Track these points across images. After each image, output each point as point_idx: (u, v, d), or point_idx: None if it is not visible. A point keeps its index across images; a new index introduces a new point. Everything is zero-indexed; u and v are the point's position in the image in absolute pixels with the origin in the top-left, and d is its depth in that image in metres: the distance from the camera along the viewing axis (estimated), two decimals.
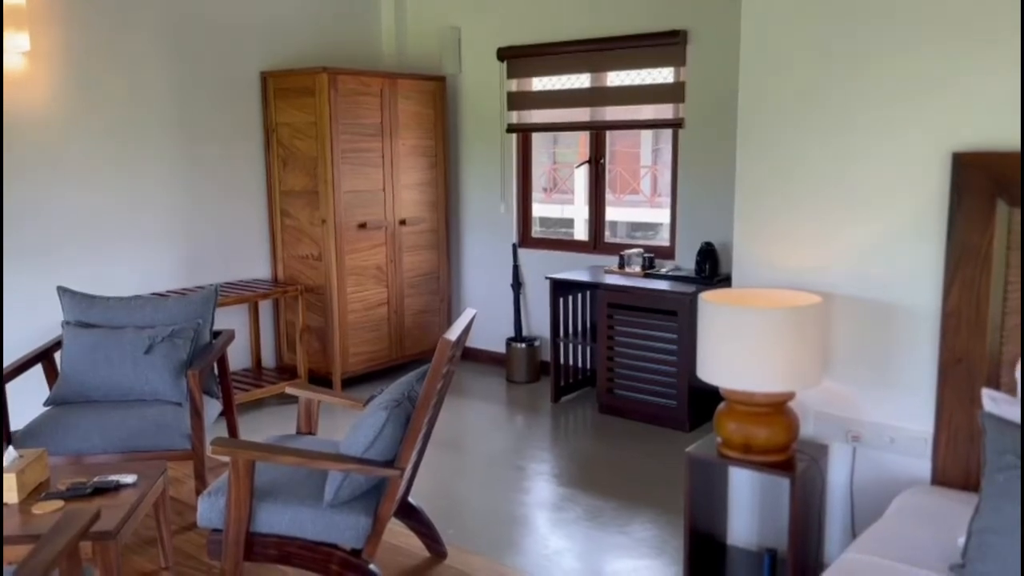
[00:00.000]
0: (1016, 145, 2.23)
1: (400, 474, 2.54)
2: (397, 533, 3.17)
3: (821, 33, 2.51)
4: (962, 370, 2.32)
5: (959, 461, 2.33)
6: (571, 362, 5.19)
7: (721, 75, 4.60)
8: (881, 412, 2.54)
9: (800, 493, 2.42)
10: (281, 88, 5.09)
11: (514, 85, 5.49)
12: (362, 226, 5.18)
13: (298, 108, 5.03)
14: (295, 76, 5.03)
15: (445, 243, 5.76)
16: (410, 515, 3.04)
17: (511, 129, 5.55)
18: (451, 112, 5.78)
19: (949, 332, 2.33)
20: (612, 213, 5.65)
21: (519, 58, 5.40)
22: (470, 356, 5.94)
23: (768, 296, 2.57)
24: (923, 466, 2.45)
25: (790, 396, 2.48)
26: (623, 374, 4.68)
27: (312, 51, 5.42)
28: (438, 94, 5.56)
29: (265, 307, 5.33)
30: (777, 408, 2.48)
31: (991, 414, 1.99)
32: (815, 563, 2.54)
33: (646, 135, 5.56)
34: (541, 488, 3.82)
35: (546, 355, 5.26)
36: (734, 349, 2.39)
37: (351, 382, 5.25)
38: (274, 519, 2.56)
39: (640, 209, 6.17)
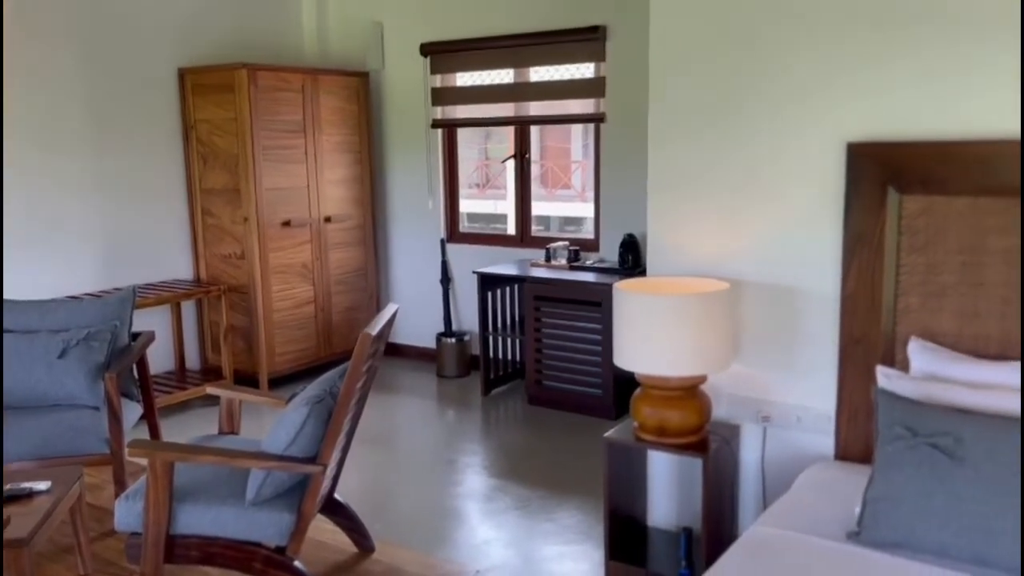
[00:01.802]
0: (903, 136, 2.35)
1: (323, 470, 2.55)
2: (323, 530, 3.16)
3: (725, 32, 2.60)
4: (860, 350, 2.43)
5: (859, 436, 2.45)
6: (500, 355, 5.24)
7: (639, 70, 4.69)
8: (788, 392, 2.65)
9: (713, 472, 2.51)
10: (199, 85, 5.00)
11: (438, 81, 5.50)
12: (286, 224, 5.13)
13: (217, 105, 4.95)
14: (213, 72, 4.95)
15: (372, 239, 5.75)
16: (336, 511, 3.05)
17: (436, 124, 5.56)
18: (375, 108, 5.76)
19: (848, 314, 2.45)
20: (545, 208, 5.72)
21: (442, 54, 5.42)
22: (400, 352, 5.94)
23: (679, 284, 2.65)
24: (827, 442, 2.56)
25: (702, 380, 2.57)
26: (551, 365, 4.75)
27: (231, 47, 5.34)
28: (361, 90, 5.54)
29: (188, 308, 5.24)
30: (690, 392, 2.57)
31: (883, 390, 2.10)
32: (729, 538, 2.64)
33: (576, 130, 5.63)
34: (471, 480, 3.86)
35: (476, 349, 5.30)
36: (648, 336, 2.46)
37: (279, 382, 5.20)
38: (195, 520, 2.53)
39: (572, 204, 6.26)
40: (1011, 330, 2.22)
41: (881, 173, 2.35)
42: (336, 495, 3.05)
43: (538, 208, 5.65)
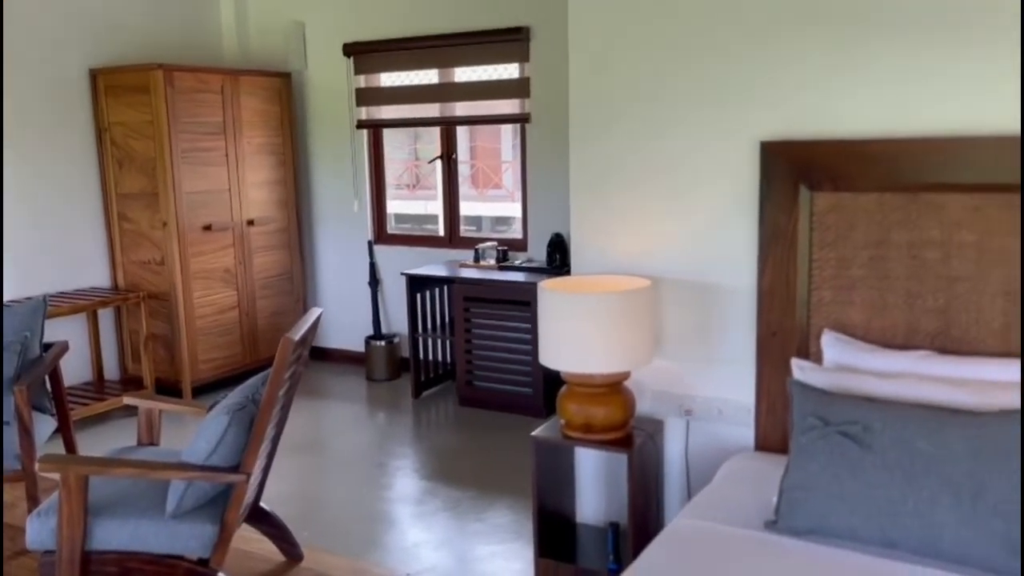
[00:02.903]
0: (813, 135, 2.43)
1: (246, 479, 2.50)
2: (249, 539, 3.10)
3: (643, 34, 2.64)
4: (777, 343, 2.50)
5: (777, 427, 2.52)
6: (431, 357, 5.22)
7: (563, 71, 4.70)
8: (710, 386, 2.70)
9: (638, 467, 2.55)
10: (113, 86, 4.84)
11: (362, 81, 5.45)
12: (207, 228, 5.01)
13: (132, 107, 4.80)
14: (127, 73, 4.80)
15: (297, 243, 5.66)
16: (262, 520, 2.99)
17: (361, 125, 5.51)
18: (298, 109, 5.68)
19: (764, 309, 2.51)
20: (476, 208, 5.71)
21: (366, 54, 5.37)
22: (328, 356, 5.87)
23: (602, 282, 2.68)
24: (748, 433, 2.63)
25: (625, 376, 2.61)
26: (481, 366, 4.76)
27: (147, 47, 5.18)
28: (283, 91, 5.45)
29: (106, 316, 5.07)
30: (614, 388, 2.60)
31: (797, 381, 2.17)
32: (655, 531, 2.68)
33: (506, 130, 5.64)
34: (402, 483, 3.84)
35: (406, 351, 5.26)
36: (571, 334, 2.49)
37: (203, 390, 5.07)
38: (113, 535, 2.45)
39: (503, 204, 6.26)
40: (916, 320, 2.32)
41: (793, 171, 2.42)
42: (262, 503, 2.99)
43: (470, 208, 5.65)
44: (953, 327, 2.28)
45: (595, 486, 2.95)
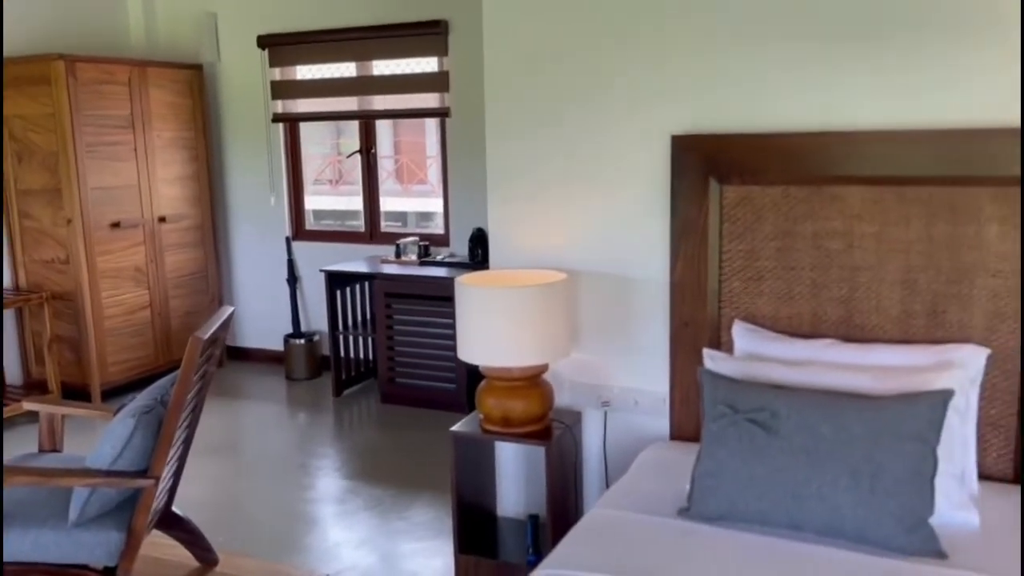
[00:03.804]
0: (722, 129, 2.48)
1: (154, 483, 2.42)
2: (161, 545, 3.00)
3: (557, 28, 2.65)
4: (689, 333, 2.55)
5: (691, 416, 2.57)
6: (352, 355, 5.15)
7: (482, 65, 4.72)
8: (626, 377, 2.74)
9: (556, 459, 2.57)
10: (11, 77, 4.62)
11: (277, 74, 5.33)
12: (115, 225, 4.82)
13: (32, 99, 4.58)
14: (26, 64, 4.58)
15: (212, 240, 5.51)
16: (174, 525, 2.90)
17: (277, 119, 5.39)
18: (211, 102, 5.52)
19: (677, 300, 2.56)
20: (401, 203, 5.65)
21: (281, 46, 5.25)
22: (246, 356, 5.73)
23: (519, 276, 2.69)
24: (663, 423, 2.67)
25: (543, 369, 2.62)
26: (403, 362, 4.72)
27: (49, 37, 4.94)
28: (195, 83, 5.29)
29: (6, 318, 4.83)
30: (532, 381, 2.61)
31: (708, 370, 2.21)
32: (574, 522, 2.69)
33: (431, 125, 5.60)
34: (323, 483, 3.78)
35: (326, 349, 5.18)
36: (489, 328, 2.48)
37: (114, 393, 4.89)
38: (12, 546, 2.35)
39: (429, 199, 6.22)
40: (821, 309, 2.39)
41: (703, 165, 2.47)
42: (174, 508, 2.90)
43: (394, 204, 5.59)
44: (855, 315, 2.36)
45: (515, 479, 2.96)
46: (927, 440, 1.89)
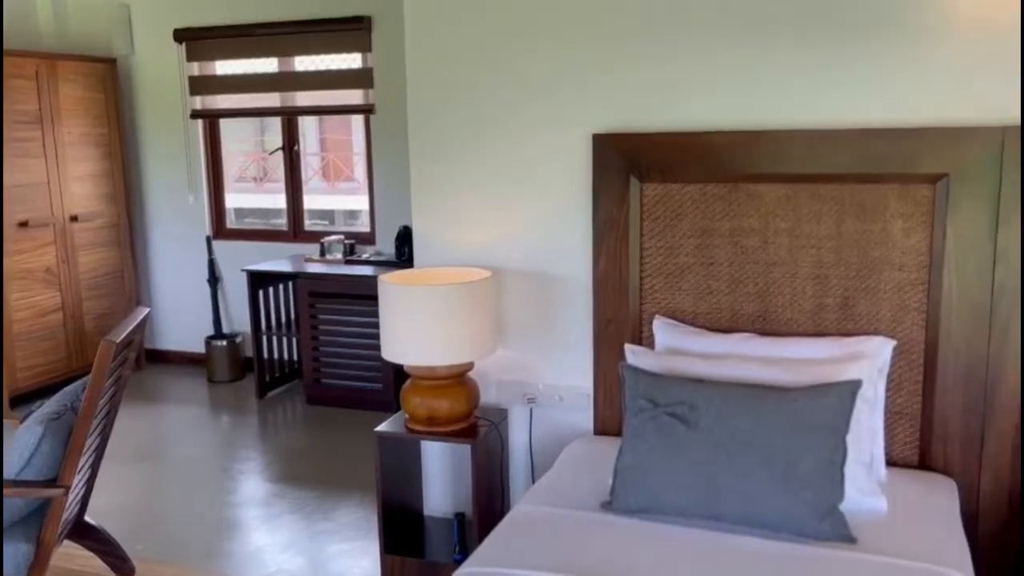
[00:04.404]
0: (641, 128, 2.52)
1: (64, 492, 2.33)
2: (75, 556, 2.90)
3: (480, 26, 2.65)
4: (612, 329, 2.59)
5: (615, 411, 2.60)
6: (276, 355, 5.06)
7: (405, 61, 4.69)
8: (552, 374, 2.76)
9: (482, 457, 2.57)
10: None
11: (195, 69, 5.19)
12: (23, 224, 4.62)
13: None
14: None
15: (128, 239, 5.33)
16: (88, 535, 2.79)
17: (196, 115, 5.25)
18: (126, 97, 5.34)
19: (600, 297, 2.59)
20: (327, 201, 5.56)
21: (199, 40, 5.11)
22: (165, 358, 5.57)
23: (444, 274, 2.68)
24: (588, 419, 2.70)
25: (469, 367, 2.62)
26: (329, 363, 4.66)
27: None
28: (108, 77, 5.11)
29: None
30: (458, 380, 2.60)
31: (630, 365, 2.25)
32: (501, 519, 2.71)
33: (357, 122, 5.52)
34: (246, 487, 3.70)
35: (249, 351, 5.07)
36: (413, 327, 2.47)
37: (25, 399, 4.69)
38: None
39: (356, 196, 6.14)
40: (738, 304, 2.45)
41: (623, 163, 2.50)
42: (87, 517, 2.79)
43: (321, 201, 5.51)
44: (771, 310, 2.43)
45: (441, 478, 2.95)
46: (837, 430, 1.96)
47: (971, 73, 2.20)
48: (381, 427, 2.67)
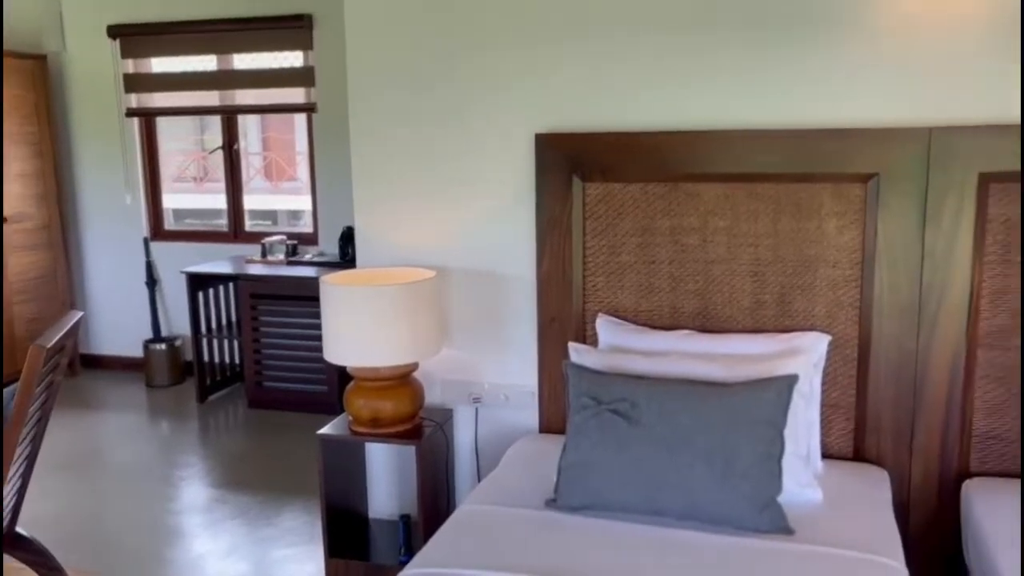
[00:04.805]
0: (583, 128, 2.54)
1: None
2: (7, 569, 2.80)
3: (421, 24, 2.63)
4: (556, 328, 2.60)
5: (559, 409, 2.62)
6: (217, 359, 4.96)
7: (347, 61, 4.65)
8: (497, 373, 2.76)
9: (427, 458, 2.56)
10: None
11: (130, 66, 5.06)
12: None
13: None
14: None
15: (61, 241, 5.17)
16: (19, 546, 2.70)
17: (131, 113, 5.12)
18: (57, 95, 5.18)
19: (544, 295, 2.60)
20: (270, 201, 5.47)
21: (134, 36, 4.99)
22: (101, 364, 5.42)
23: (387, 275, 2.66)
24: (533, 417, 2.71)
25: (413, 367, 2.61)
26: (271, 365, 4.59)
27: None
28: (38, 74, 4.95)
29: None
30: (402, 380, 2.59)
31: (573, 363, 2.26)
32: (446, 519, 2.71)
33: (300, 121, 5.44)
34: (187, 494, 3.62)
35: (189, 354, 4.97)
36: (356, 328, 2.45)
37: None
38: None
39: (299, 196, 6.06)
40: (679, 301, 2.49)
41: (566, 163, 2.52)
42: (18, 528, 2.70)
43: (263, 201, 5.42)
44: (710, 307, 2.47)
45: (387, 480, 2.93)
46: (775, 424, 2.00)
47: (900, 76, 2.27)
48: (324, 430, 2.64)
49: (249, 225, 5.29)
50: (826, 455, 2.39)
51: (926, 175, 2.24)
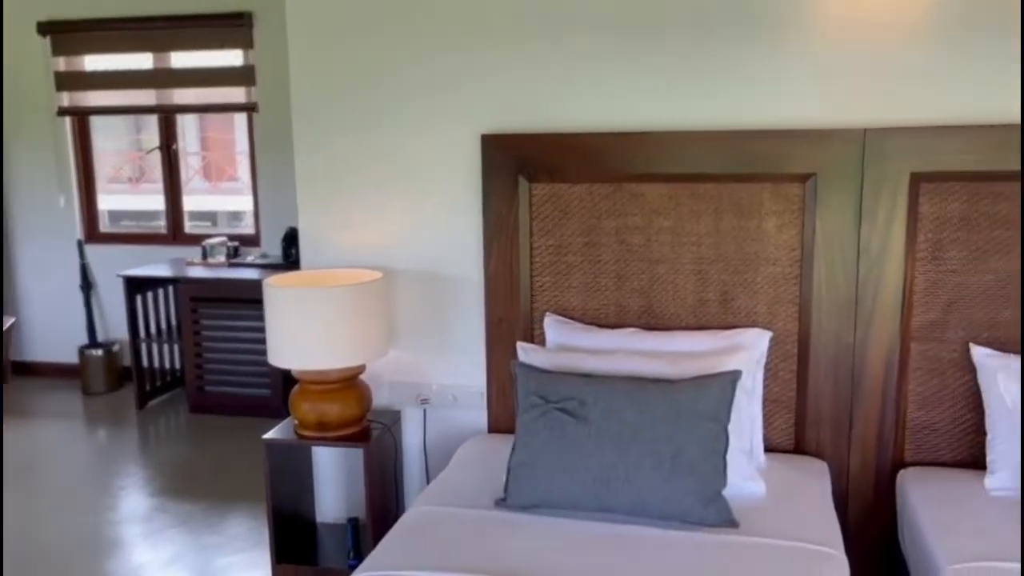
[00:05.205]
0: (529, 129, 2.55)
1: None
2: None
3: (366, 25, 2.61)
4: (504, 328, 2.61)
5: (508, 409, 2.63)
6: (156, 364, 4.85)
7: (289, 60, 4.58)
8: (445, 374, 2.76)
9: (374, 461, 2.54)
10: None
11: (62, 64, 4.91)
12: None
13: None
14: None
15: None
16: None
17: (63, 112, 4.97)
18: None
19: (491, 296, 2.60)
20: (210, 202, 5.36)
21: (66, 33, 4.84)
22: (34, 371, 5.25)
23: (332, 276, 2.63)
24: (481, 417, 2.71)
25: (360, 370, 2.58)
26: (214, 369, 4.50)
27: None
28: None
29: None
30: (349, 383, 2.57)
31: (521, 363, 2.27)
32: (395, 522, 2.69)
33: (240, 120, 5.34)
34: (126, 503, 3.53)
35: (127, 359, 4.84)
36: (301, 331, 2.41)
37: None
38: None
39: (239, 197, 5.95)
40: (624, 300, 2.52)
41: (512, 163, 2.52)
42: None
43: (203, 203, 5.30)
44: (655, 305, 2.51)
45: (334, 483, 2.90)
46: (719, 419, 2.04)
47: (836, 78, 2.33)
48: (270, 434, 2.60)
49: (188, 227, 5.18)
50: (768, 449, 2.44)
51: (861, 174, 2.30)
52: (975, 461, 2.33)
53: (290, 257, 4.55)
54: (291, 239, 4.55)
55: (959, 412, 2.36)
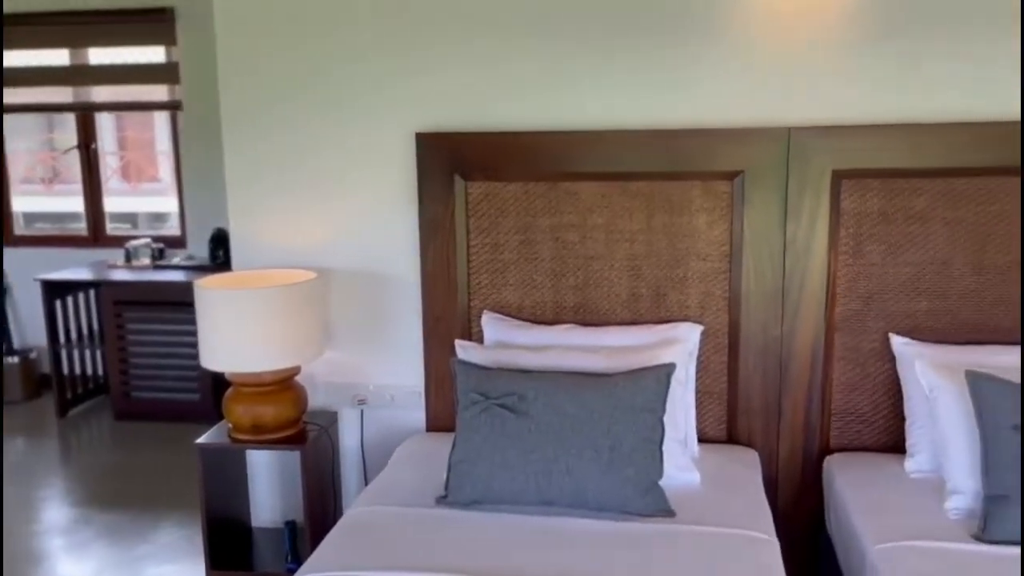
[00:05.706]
0: (464, 128, 2.56)
1: None
2: None
3: (296, 21, 2.58)
4: (442, 326, 2.61)
5: (446, 407, 2.63)
6: (78, 370, 4.68)
7: (215, 55, 4.48)
8: (382, 374, 2.74)
9: (311, 462, 2.51)
10: None
11: None
12: None
13: None
14: None
15: None
16: None
17: None
18: None
19: (428, 294, 2.60)
20: (130, 203, 5.20)
21: None
22: None
23: (265, 277, 2.59)
24: (420, 416, 2.71)
25: (295, 371, 2.55)
26: (140, 375, 4.38)
27: None
28: None
29: None
30: (284, 385, 2.53)
31: (460, 360, 2.28)
32: (334, 524, 2.66)
33: (161, 119, 5.19)
34: (48, 515, 3.41)
35: (46, 366, 4.66)
36: (233, 333, 2.37)
37: None
38: None
39: (161, 198, 5.78)
40: (560, 297, 2.55)
41: (447, 162, 2.53)
42: None
43: (122, 204, 5.14)
44: (590, 301, 2.54)
45: (270, 487, 2.86)
46: (655, 411, 2.09)
47: (762, 78, 2.41)
48: (203, 438, 2.55)
49: (109, 229, 5.02)
50: (702, 439, 2.51)
51: (786, 172, 2.39)
52: (895, 445, 2.43)
53: (218, 259, 4.45)
54: (219, 240, 4.45)
55: (880, 399, 2.47)
